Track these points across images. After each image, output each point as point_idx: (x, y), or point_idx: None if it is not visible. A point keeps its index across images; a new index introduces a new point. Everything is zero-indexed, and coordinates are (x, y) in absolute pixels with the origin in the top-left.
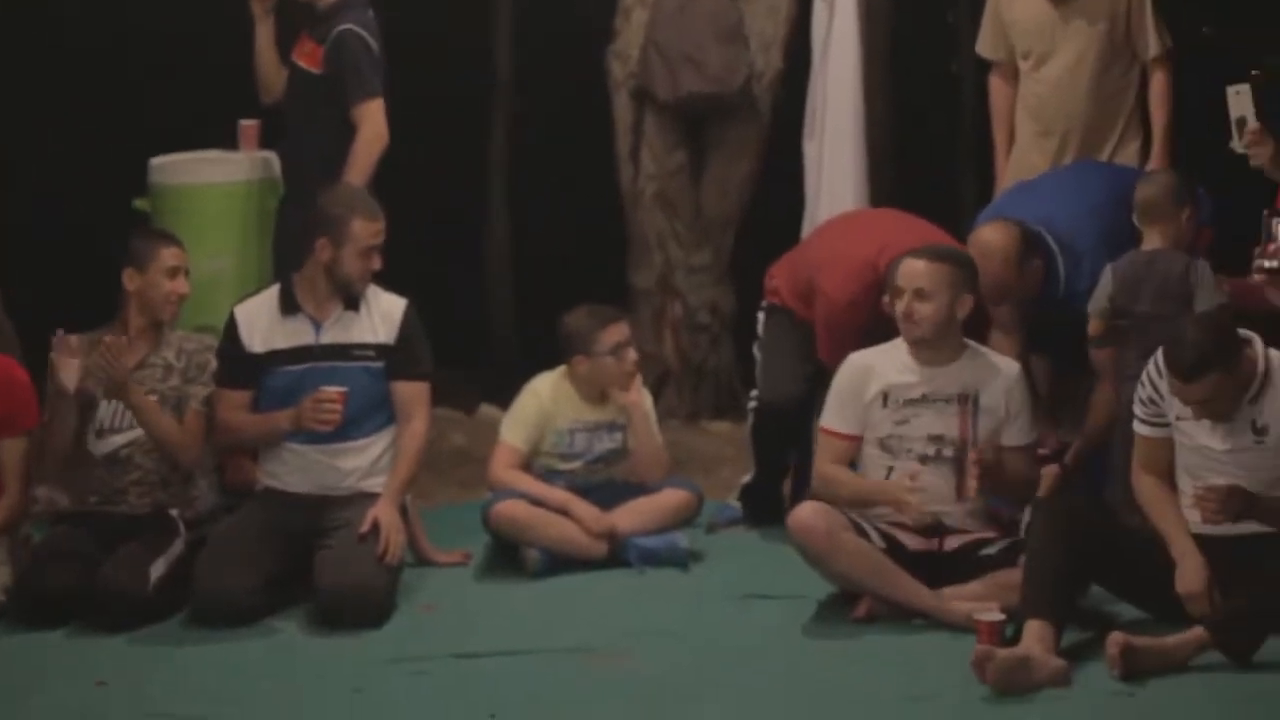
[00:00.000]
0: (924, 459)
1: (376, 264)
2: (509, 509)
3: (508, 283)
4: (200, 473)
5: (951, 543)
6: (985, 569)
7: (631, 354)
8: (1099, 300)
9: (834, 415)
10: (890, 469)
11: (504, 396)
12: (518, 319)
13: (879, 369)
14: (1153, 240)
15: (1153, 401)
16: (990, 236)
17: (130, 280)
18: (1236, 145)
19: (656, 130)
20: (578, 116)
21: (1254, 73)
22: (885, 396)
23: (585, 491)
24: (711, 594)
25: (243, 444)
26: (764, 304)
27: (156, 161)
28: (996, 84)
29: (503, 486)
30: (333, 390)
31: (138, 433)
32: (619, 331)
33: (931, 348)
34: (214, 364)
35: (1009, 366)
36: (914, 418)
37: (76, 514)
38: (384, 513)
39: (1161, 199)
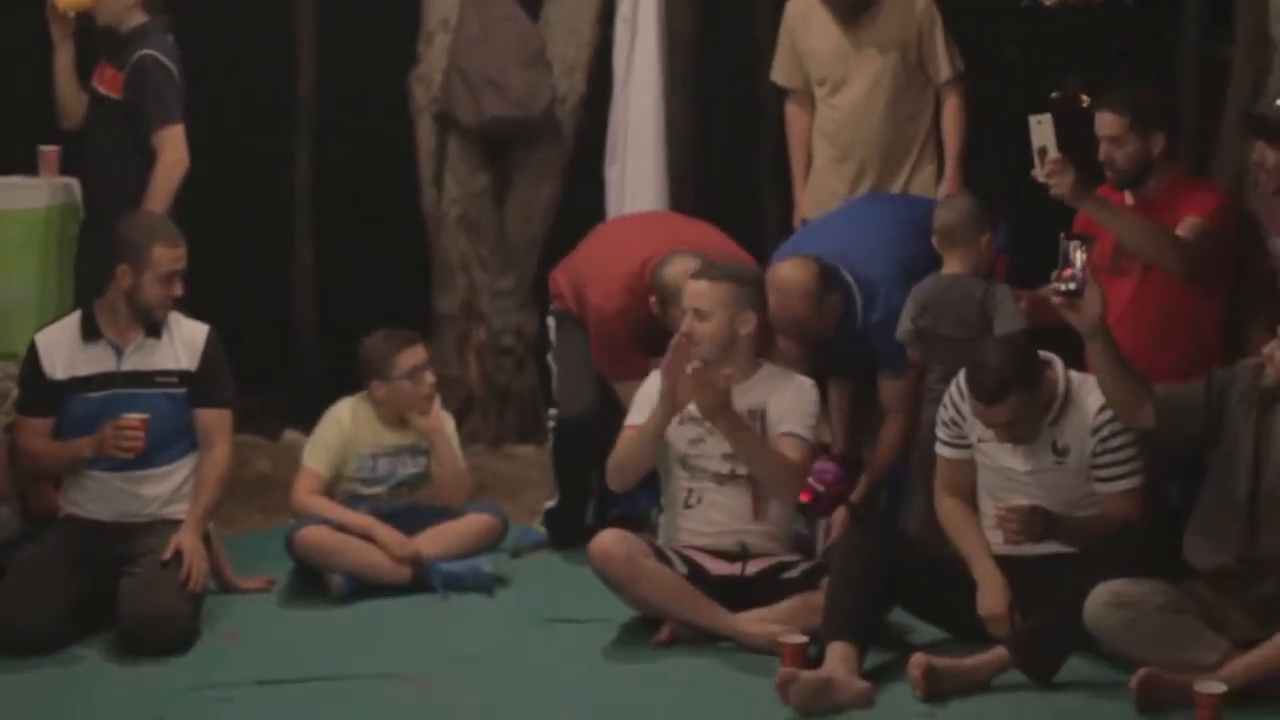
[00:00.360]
0: (720, 478)
1: (178, 291)
2: (312, 535)
3: (313, 307)
4: (1, 500)
5: (753, 567)
6: (788, 592)
7: (428, 378)
8: (903, 324)
9: (635, 414)
10: (689, 490)
11: (309, 422)
12: (323, 344)
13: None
14: (953, 265)
15: (955, 423)
16: (789, 273)
17: None
18: (1039, 174)
19: (460, 154)
20: (381, 140)
21: (1053, 95)
22: (685, 411)
23: (389, 516)
24: (515, 618)
25: (45, 471)
26: (551, 309)
27: None
28: (792, 111)
29: (306, 512)
30: (134, 417)
31: None
32: (415, 355)
33: (718, 367)
34: (15, 392)
35: (803, 382)
36: (708, 436)
37: None
38: (186, 540)
39: (961, 224)
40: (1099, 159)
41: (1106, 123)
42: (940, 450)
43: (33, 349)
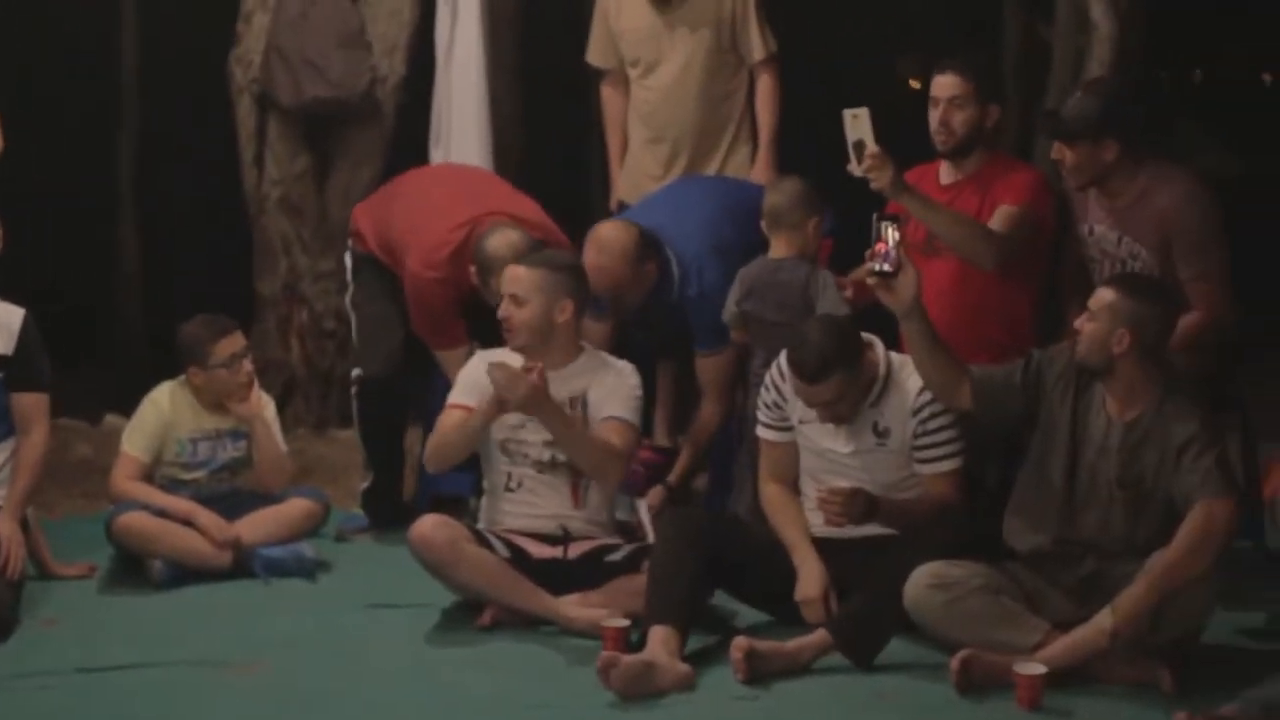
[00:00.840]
0: (540, 466)
1: None
2: (132, 520)
3: (135, 289)
4: None
5: (575, 550)
6: (610, 575)
7: (246, 365)
8: (729, 306)
9: (460, 393)
10: (509, 474)
11: (130, 406)
12: (146, 326)
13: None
14: (779, 248)
15: (776, 406)
16: (608, 233)
17: None
18: (855, 169)
19: (280, 136)
20: (204, 120)
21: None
22: None
23: (210, 501)
24: (337, 603)
25: None
26: (350, 249)
27: None
28: (608, 92)
29: (125, 498)
30: None
31: None
32: (232, 343)
33: (536, 354)
34: None
35: (624, 367)
36: (528, 422)
37: None
38: (3, 525)
39: (789, 207)
40: (932, 126)
41: (949, 84)
42: (762, 433)
43: None
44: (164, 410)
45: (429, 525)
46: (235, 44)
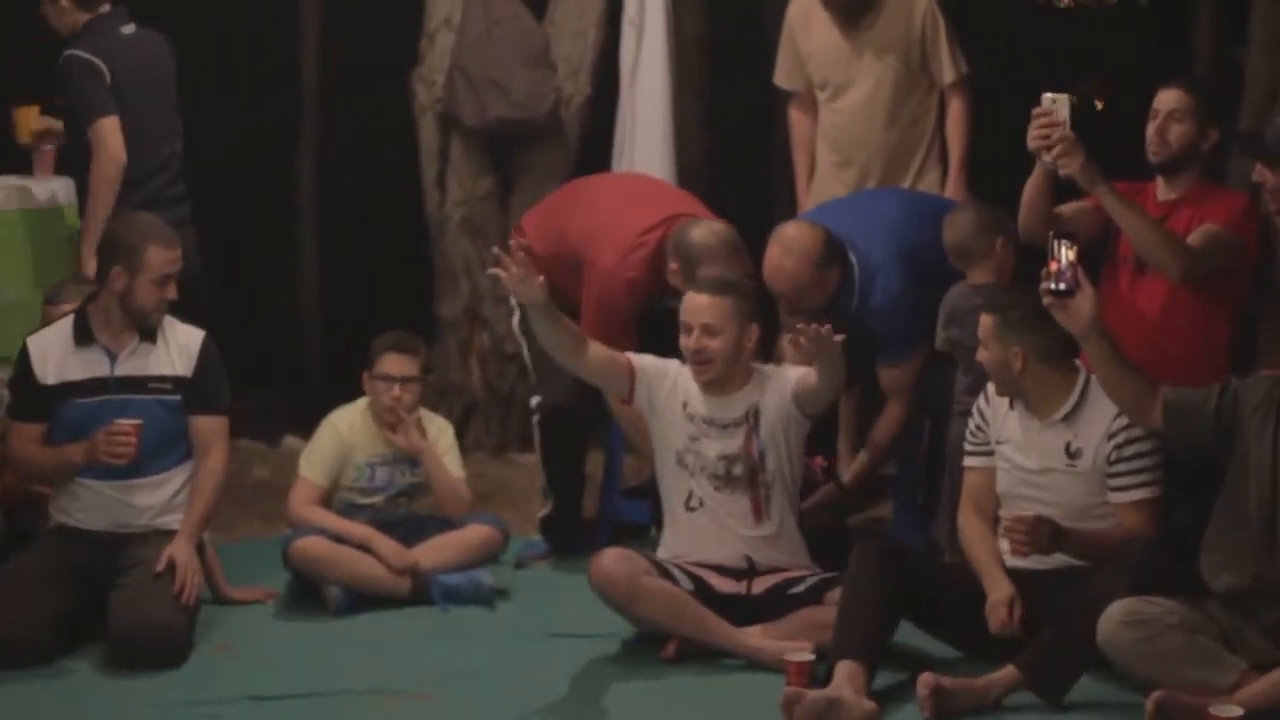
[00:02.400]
0: (718, 481)
1: (172, 294)
2: (308, 546)
3: (316, 310)
4: None
5: (760, 585)
6: (794, 606)
7: (394, 390)
8: (938, 333)
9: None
10: (689, 493)
11: (310, 427)
12: (325, 348)
13: (681, 377)
14: (976, 276)
15: (980, 430)
16: (794, 233)
17: None
18: (1045, 156)
19: (463, 156)
20: (385, 141)
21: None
22: (685, 404)
23: (387, 526)
24: (517, 633)
25: (36, 478)
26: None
27: None
28: (795, 115)
29: (302, 523)
30: (126, 423)
31: None
32: (396, 363)
33: (723, 381)
34: (6, 397)
35: (789, 370)
36: (704, 437)
37: None
38: (180, 550)
39: (971, 238)
40: (1148, 137)
41: (1171, 98)
42: (966, 461)
43: (24, 353)
44: (342, 434)
45: (609, 560)
46: (418, 63)
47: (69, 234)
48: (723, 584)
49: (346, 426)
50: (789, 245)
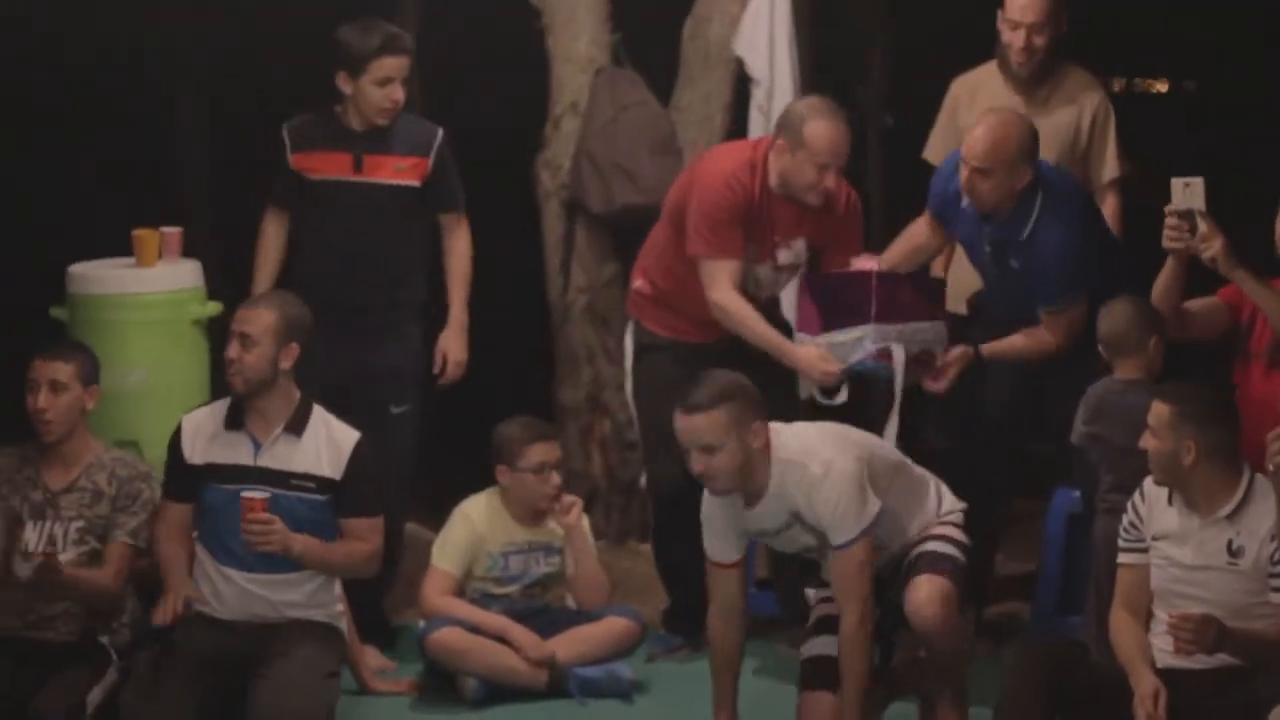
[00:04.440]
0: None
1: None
2: (446, 637)
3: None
4: (128, 597)
5: None
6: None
7: (554, 478)
8: (1077, 428)
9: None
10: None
11: (427, 514)
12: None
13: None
14: (1125, 371)
15: (1134, 526)
16: (1007, 114)
17: (30, 400)
18: (1173, 241)
19: (588, 242)
20: (507, 226)
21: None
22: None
23: (523, 617)
24: None
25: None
26: (631, 328)
27: (75, 269)
28: None
29: (437, 613)
30: (254, 497)
31: (64, 555)
32: (546, 451)
33: (745, 489)
34: (145, 493)
35: (812, 471)
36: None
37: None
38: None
39: (1127, 331)
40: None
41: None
42: (1121, 558)
43: (177, 430)
44: (475, 524)
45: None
46: (543, 148)
47: (195, 318)
48: None
49: (480, 515)
50: (1005, 118)
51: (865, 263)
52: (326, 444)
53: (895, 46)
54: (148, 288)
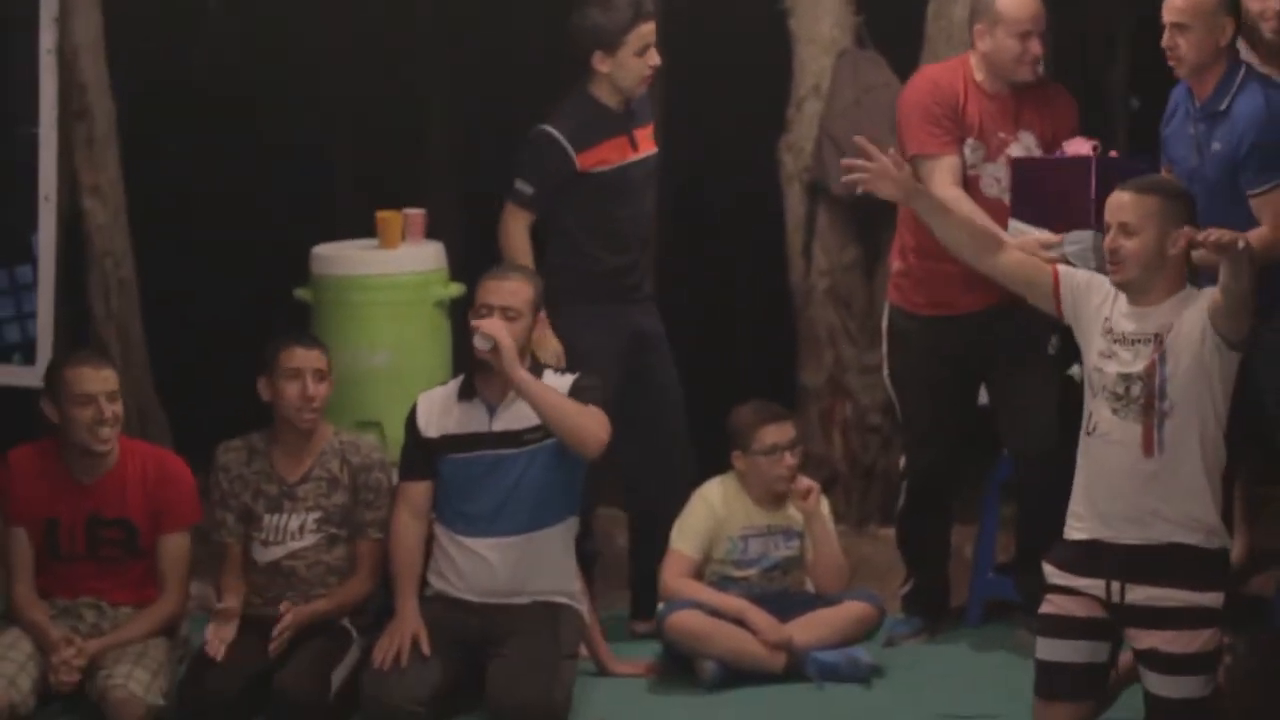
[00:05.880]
0: (1115, 402)
1: (655, 60)
2: (685, 619)
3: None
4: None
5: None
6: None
7: (788, 459)
8: None
9: None
10: (1091, 415)
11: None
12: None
13: (1114, 294)
14: None
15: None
16: None
17: (264, 389)
18: None
19: (829, 225)
20: (749, 208)
21: None
22: (1106, 319)
23: (761, 600)
24: (898, 712)
25: None
26: (888, 309)
27: (319, 250)
28: None
29: (677, 596)
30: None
31: (302, 543)
32: (779, 432)
33: (1139, 289)
34: (385, 483)
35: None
36: (1112, 354)
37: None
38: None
39: None
40: None
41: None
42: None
43: (413, 409)
44: (715, 506)
45: None
46: (786, 130)
47: (438, 299)
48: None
49: (719, 499)
50: None
51: (1080, 146)
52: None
53: (1138, 30)
54: (391, 269)
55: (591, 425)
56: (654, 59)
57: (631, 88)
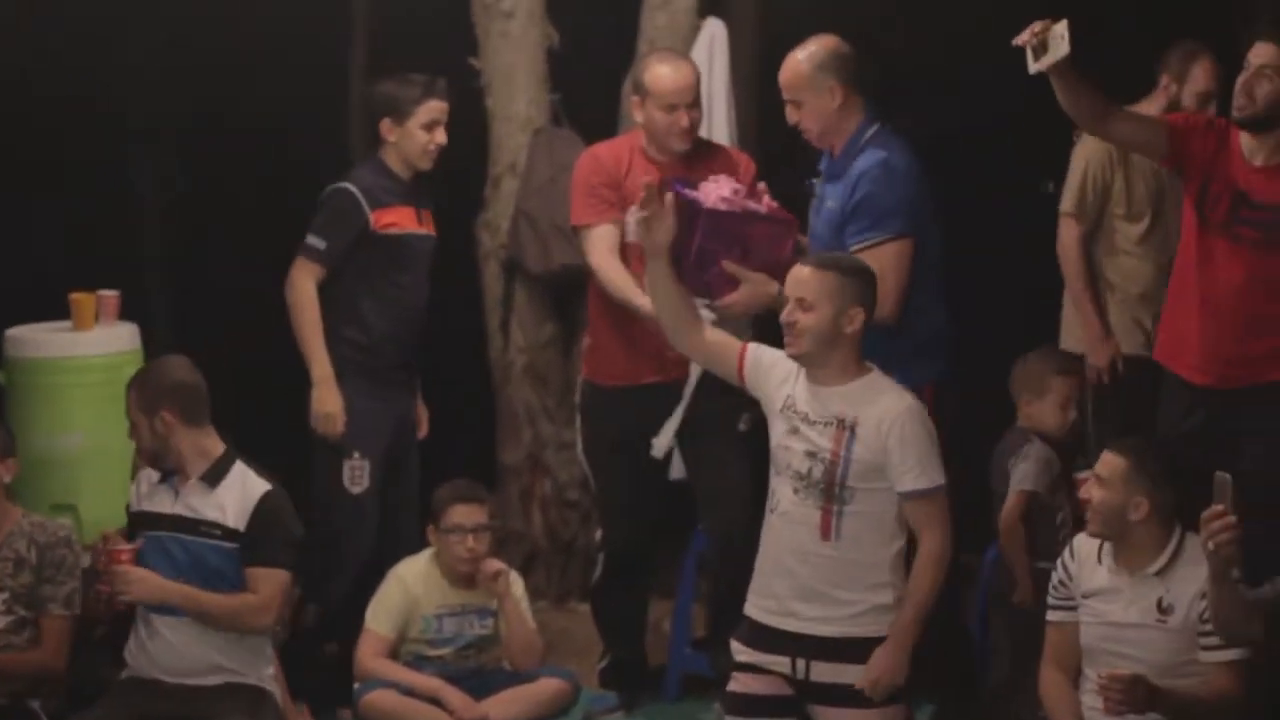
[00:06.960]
0: (796, 482)
1: (442, 138)
2: (379, 699)
3: None
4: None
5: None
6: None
7: (470, 541)
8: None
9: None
10: (774, 492)
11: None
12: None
13: (797, 374)
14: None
15: (1063, 584)
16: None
17: None
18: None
19: (526, 302)
20: (448, 286)
21: None
22: (789, 398)
23: (456, 679)
24: None
25: None
26: (580, 384)
27: (12, 333)
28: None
29: (371, 676)
30: (121, 549)
31: None
32: (465, 513)
33: (815, 364)
34: (69, 559)
35: (911, 401)
36: (796, 432)
37: None
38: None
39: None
40: (1235, 91)
41: (1264, 53)
42: (1049, 617)
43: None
44: (409, 585)
45: None
46: (483, 209)
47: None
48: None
49: (413, 578)
50: (808, 40)
51: (721, 186)
52: (240, 494)
53: None
54: (83, 351)
55: (244, 610)
56: (440, 137)
57: (416, 159)
